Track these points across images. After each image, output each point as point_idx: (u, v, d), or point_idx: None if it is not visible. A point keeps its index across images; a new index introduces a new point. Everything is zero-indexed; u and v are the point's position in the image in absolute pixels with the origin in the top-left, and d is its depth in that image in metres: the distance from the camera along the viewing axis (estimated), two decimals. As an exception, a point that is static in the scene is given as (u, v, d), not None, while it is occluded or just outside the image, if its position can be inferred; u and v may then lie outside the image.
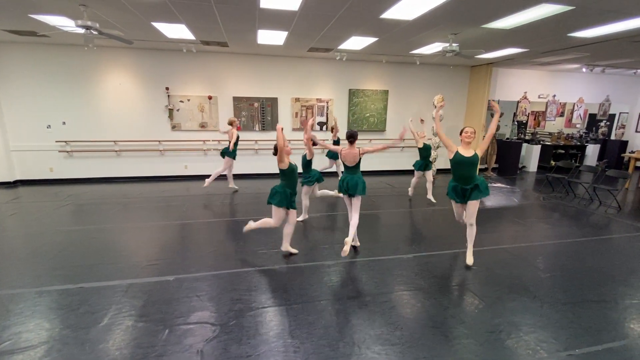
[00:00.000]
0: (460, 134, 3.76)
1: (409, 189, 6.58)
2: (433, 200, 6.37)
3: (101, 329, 2.60)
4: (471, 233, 3.75)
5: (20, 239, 4.35)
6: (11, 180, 7.07)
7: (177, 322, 2.69)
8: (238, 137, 6.42)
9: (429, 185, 6.49)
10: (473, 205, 3.64)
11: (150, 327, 2.62)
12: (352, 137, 3.85)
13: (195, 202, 6.20)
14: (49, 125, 7.08)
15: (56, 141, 7.16)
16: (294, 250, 3.97)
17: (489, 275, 3.55)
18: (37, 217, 5.18)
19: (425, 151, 6.22)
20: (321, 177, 4.97)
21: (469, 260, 3.75)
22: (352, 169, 3.90)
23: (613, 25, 4.70)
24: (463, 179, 3.65)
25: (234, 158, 6.55)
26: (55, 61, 6.84)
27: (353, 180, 3.81)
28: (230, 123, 6.43)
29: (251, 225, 4.04)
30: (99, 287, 3.20)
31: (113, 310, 2.84)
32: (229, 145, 6.39)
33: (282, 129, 3.63)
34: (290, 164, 3.74)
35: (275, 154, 3.69)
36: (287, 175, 3.71)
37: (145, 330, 2.59)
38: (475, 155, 3.59)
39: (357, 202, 3.84)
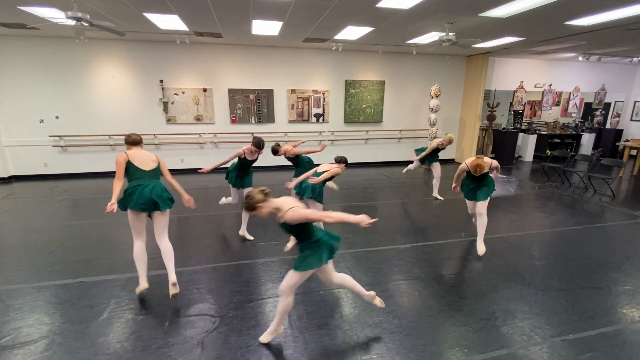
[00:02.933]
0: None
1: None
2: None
3: (101, 322, 2.61)
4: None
5: (18, 235, 4.33)
6: (5, 176, 7.00)
7: (177, 315, 2.71)
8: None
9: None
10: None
11: (150, 320, 2.64)
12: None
13: (192, 195, 6.16)
14: (42, 120, 6.99)
15: (50, 136, 7.08)
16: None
17: (484, 264, 3.60)
18: (33, 212, 5.15)
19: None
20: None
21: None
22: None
23: (610, 13, 4.68)
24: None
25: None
26: (46, 54, 6.72)
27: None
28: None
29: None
30: (97, 281, 3.21)
31: (113, 303, 2.85)
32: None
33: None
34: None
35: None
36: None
37: (145, 323, 2.61)
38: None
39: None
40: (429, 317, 2.71)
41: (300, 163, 4.47)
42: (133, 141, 2.96)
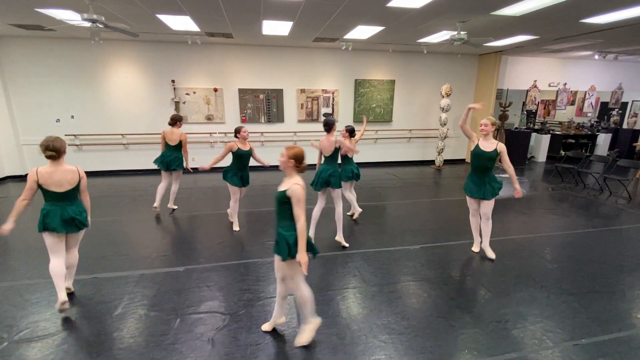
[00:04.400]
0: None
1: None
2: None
3: (115, 317, 2.68)
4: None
5: (34, 231, 4.44)
6: (23, 173, 7.21)
7: (188, 312, 2.75)
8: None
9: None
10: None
11: (162, 316, 2.69)
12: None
13: (203, 194, 6.27)
14: (58, 119, 7.17)
15: (65, 135, 7.25)
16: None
17: (495, 266, 3.56)
18: (50, 209, 5.28)
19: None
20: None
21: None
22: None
23: (627, 11, 4.56)
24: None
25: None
26: (61, 55, 6.89)
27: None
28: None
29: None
30: (111, 277, 3.29)
31: (126, 299, 2.92)
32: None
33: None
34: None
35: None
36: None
37: (157, 319, 2.67)
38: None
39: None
40: (438, 318, 2.69)
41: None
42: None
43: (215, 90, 7.64)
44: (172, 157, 4.88)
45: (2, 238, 4.20)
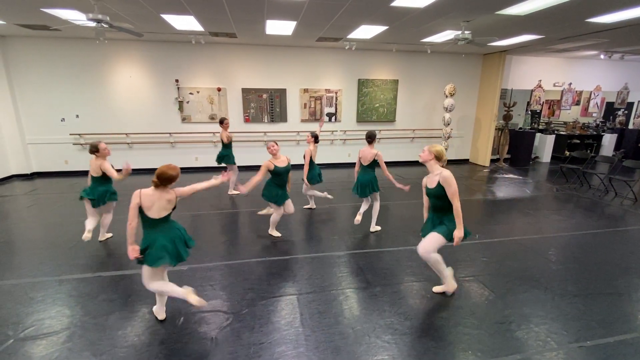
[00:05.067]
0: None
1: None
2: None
3: (119, 316, 2.70)
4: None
5: (40, 229, 4.50)
6: (28, 172, 7.27)
7: (192, 311, 2.76)
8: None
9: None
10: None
11: (165, 315, 2.70)
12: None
13: (206, 193, 6.28)
14: (63, 119, 7.22)
15: (70, 134, 7.31)
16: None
17: (499, 267, 3.54)
18: (55, 208, 5.33)
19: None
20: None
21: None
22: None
23: (633, 10, 4.52)
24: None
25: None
26: (67, 55, 6.93)
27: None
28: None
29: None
30: (116, 275, 3.31)
31: (130, 298, 2.93)
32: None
33: None
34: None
35: None
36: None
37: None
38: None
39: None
40: (441, 319, 2.68)
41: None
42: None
43: (219, 89, 7.66)
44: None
45: (6, 237, 4.24)
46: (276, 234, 4.27)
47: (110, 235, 4.23)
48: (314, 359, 2.26)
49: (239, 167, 8.47)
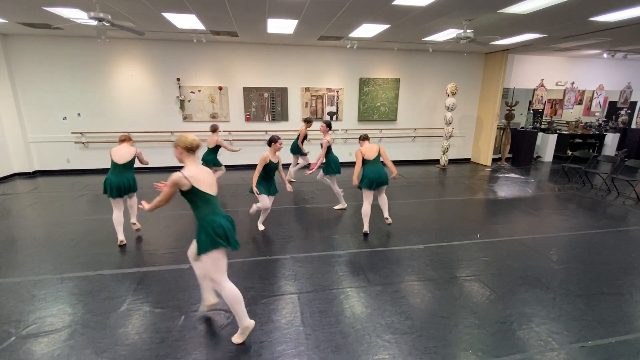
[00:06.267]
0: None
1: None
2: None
3: (120, 314, 2.70)
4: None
5: (42, 227, 4.51)
6: (30, 170, 7.29)
7: (193, 309, 2.77)
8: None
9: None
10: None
11: (166, 313, 2.71)
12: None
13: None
14: (65, 117, 7.24)
15: (72, 132, 7.32)
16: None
17: (501, 267, 3.53)
18: (56, 206, 5.35)
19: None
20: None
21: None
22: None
23: (637, 9, 4.49)
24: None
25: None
26: (69, 53, 6.94)
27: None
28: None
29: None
30: (117, 274, 3.32)
31: (131, 296, 2.94)
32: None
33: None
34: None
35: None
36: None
37: (162, 316, 2.69)
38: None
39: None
40: (442, 318, 2.68)
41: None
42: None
43: (220, 88, 7.66)
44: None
45: (8, 235, 4.26)
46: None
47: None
48: (315, 358, 2.26)
49: (239, 165, 8.48)
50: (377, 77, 8.33)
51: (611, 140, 10.05)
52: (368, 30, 6.00)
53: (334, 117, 8.37)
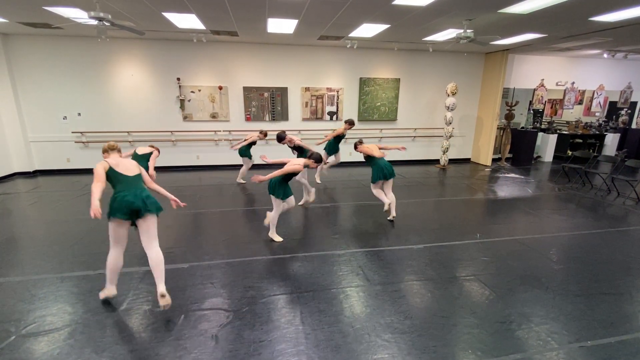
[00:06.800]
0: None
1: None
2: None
3: (120, 313, 2.71)
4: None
5: (42, 227, 4.52)
6: (30, 170, 7.30)
7: (192, 308, 2.77)
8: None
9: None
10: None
11: (166, 313, 2.71)
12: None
13: (208, 191, 6.30)
14: (65, 117, 7.24)
15: (72, 132, 7.33)
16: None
17: (500, 266, 3.53)
18: (57, 206, 5.35)
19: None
20: None
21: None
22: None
23: (638, 9, 4.48)
24: None
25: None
26: (69, 53, 6.95)
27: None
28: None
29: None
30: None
31: (131, 295, 2.95)
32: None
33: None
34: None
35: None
36: None
37: (161, 315, 2.69)
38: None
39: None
40: (441, 318, 2.68)
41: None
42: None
43: (220, 88, 7.67)
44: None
45: (8, 234, 4.26)
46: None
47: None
48: (314, 357, 2.26)
49: (240, 165, 8.48)
50: (377, 77, 8.33)
51: (611, 141, 10.05)
52: (368, 30, 6.00)
53: (334, 117, 8.38)
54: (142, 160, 4.71)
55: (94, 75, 7.15)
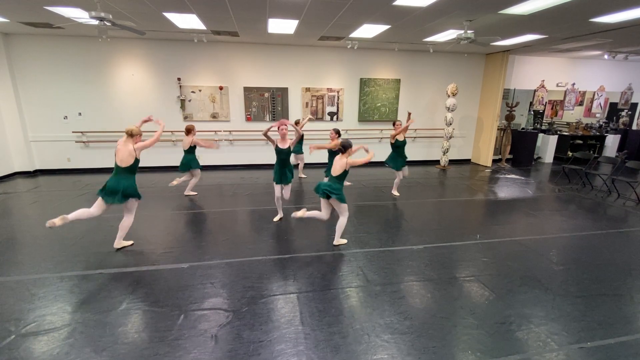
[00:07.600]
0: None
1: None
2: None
3: (120, 313, 2.71)
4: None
5: (42, 226, 4.51)
6: (31, 169, 7.30)
7: (192, 308, 2.77)
8: None
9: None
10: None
11: (166, 312, 2.71)
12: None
13: (208, 191, 6.30)
14: (66, 116, 7.25)
15: (73, 132, 7.34)
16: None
17: (500, 267, 3.53)
18: (57, 205, 5.36)
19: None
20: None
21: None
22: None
23: (638, 10, 4.48)
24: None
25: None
26: (70, 53, 6.96)
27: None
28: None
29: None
30: (116, 273, 3.32)
31: (131, 295, 2.94)
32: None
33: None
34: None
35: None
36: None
37: (161, 315, 2.69)
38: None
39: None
40: (441, 319, 2.68)
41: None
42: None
43: (221, 88, 7.67)
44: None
45: (8, 233, 4.27)
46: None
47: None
48: (314, 358, 2.26)
49: (240, 165, 8.49)
50: (378, 77, 8.33)
51: (612, 142, 10.04)
52: (369, 30, 6.00)
53: (335, 117, 8.38)
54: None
55: (94, 75, 7.16)
